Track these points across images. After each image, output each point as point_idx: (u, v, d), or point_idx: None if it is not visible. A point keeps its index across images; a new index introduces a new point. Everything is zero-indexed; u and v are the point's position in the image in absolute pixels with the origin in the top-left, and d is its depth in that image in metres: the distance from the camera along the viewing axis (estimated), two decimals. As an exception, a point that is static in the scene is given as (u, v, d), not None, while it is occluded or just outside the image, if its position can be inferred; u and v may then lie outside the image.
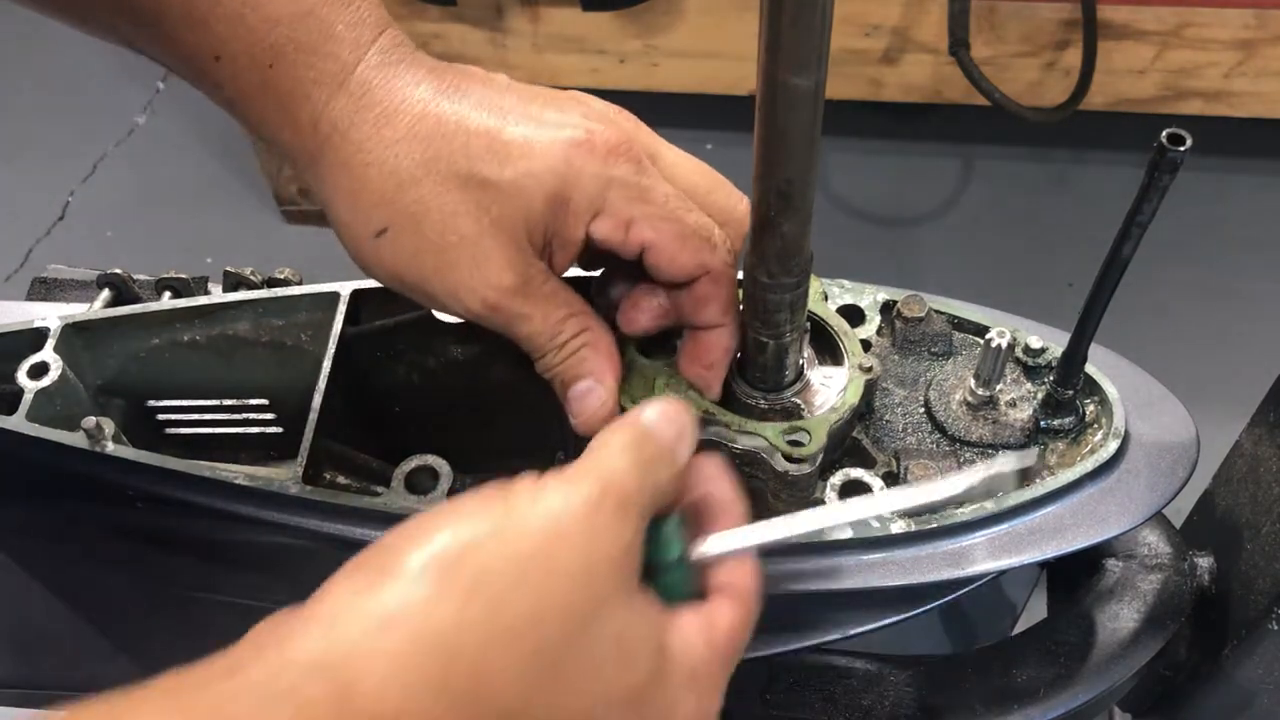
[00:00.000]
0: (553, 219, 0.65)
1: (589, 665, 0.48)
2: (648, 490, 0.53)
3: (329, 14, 0.64)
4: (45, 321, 0.81)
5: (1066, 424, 0.76)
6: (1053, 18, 2.12)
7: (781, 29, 0.50)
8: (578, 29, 2.27)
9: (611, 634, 0.49)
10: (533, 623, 0.47)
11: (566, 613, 0.48)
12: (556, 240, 0.66)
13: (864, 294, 0.81)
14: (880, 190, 2.40)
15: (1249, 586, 0.83)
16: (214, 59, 0.64)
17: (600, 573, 0.49)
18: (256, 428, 0.89)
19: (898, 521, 0.71)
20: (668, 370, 0.71)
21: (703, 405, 0.70)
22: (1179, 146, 0.57)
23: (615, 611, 0.50)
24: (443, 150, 0.64)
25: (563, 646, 0.47)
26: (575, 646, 0.48)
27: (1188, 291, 2.19)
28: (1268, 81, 2.17)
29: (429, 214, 0.64)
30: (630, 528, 0.51)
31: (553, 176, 0.63)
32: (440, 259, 0.65)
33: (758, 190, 0.59)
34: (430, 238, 0.64)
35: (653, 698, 0.51)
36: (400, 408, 0.87)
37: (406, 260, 0.65)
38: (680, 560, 0.55)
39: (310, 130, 0.65)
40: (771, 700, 0.82)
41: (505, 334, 0.68)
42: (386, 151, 0.64)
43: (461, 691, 0.45)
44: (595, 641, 0.49)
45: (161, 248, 2.35)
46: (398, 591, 0.46)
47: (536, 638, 0.47)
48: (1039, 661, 0.82)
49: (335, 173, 0.65)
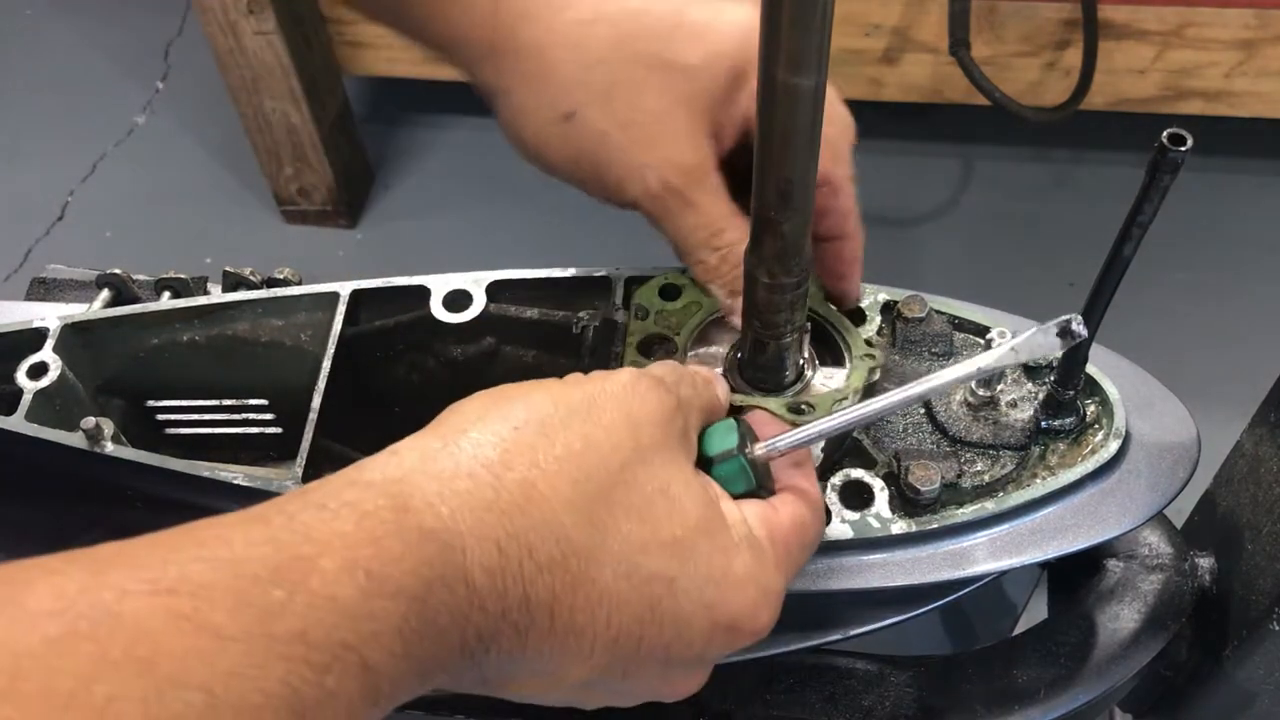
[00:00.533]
0: (727, 94, 0.67)
1: (636, 502, 0.51)
2: (684, 384, 0.57)
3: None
4: (45, 321, 0.81)
5: (1067, 424, 0.75)
6: (1053, 18, 2.11)
7: (781, 29, 0.50)
8: (578, 29, 2.26)
9: (658, 481, 0.52)
10: (579, 454, 0.50)
11: (611, 451, 0.51)
12: (727, 119, 0.68)
13: (864, 294, 0.81)
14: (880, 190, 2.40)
15: (1250, 587, 0.83)
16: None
17: (644, 428, 0.53)
18: (256, 428, 0.89)
19: (898, 522, 0.71)
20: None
21: None
22: (1179, 146, 0.57)
23: (661, 464, 0.53)
24: (630, 31, 0.66)
25: (607, 480, 0.50)
26: (621, 483, 0.51)
27: (1188, 291, 2.19)
28: (1268, 81, 2.17)
29: (618, 92, 0.66)
30: (671, 399, 0.55)
31: (733, 55, 0.66)
32: (626, 135, 0.66)
33: (758, 190, 0.59)
34: (618, 115, 0.66)
35: (703, 548, 0.52)
36: (400, 408, 0.86)
37: (591, 141, 0.67)
38: (735, 452, 0.58)
39: (489, 18, 0.66)
40: (771, 700, 0.82)
41: (667, 229, 0.69)
42: (574, 32, 0.65)
43: (509, 505, 0.47)
44: (641, 483, 0.51)
45: (161, 248, 2.35)
46: (454, 426, 0.51)
47: (583, 465, 0.50)
48: (1039, 662, 0.81)
49: (520, 59, 0.66)
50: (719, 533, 0.53)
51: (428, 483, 0.47)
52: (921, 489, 0.70)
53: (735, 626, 0.53)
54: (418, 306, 0.80)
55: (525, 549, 0.47)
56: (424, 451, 0.49)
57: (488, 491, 0.47)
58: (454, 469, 0.48)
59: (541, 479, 0.49)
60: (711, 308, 0.75)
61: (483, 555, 0.46)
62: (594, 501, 0.49)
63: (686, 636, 0.52)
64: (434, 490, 0.46)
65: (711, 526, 0.53)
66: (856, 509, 0.71)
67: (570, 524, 0.48)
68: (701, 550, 0.52)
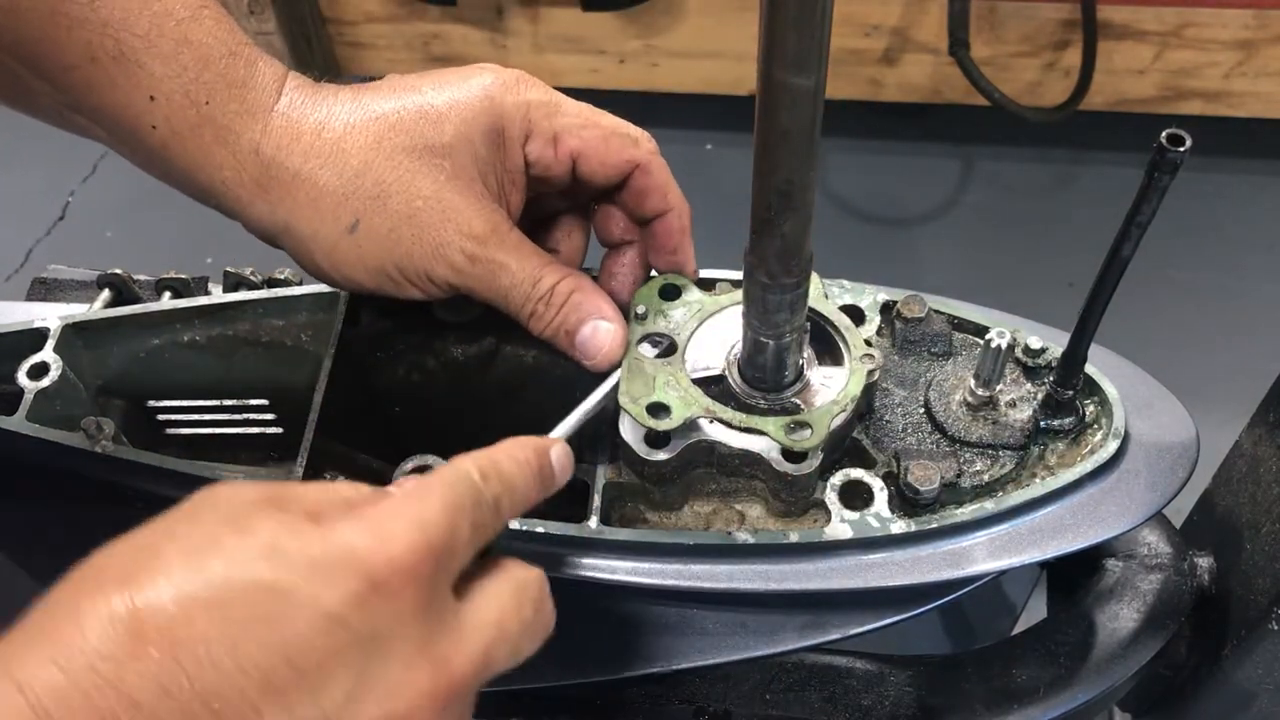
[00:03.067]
0: (495, 156, 0.70)
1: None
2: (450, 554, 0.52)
3: (251, 54, 0.69)
4: (45, 322, 0.81)
5: (1066, 424, 0.75)
6: (1053, 18, 2.12)
7: (781, 29, 0.50)
8: (578, 29, 2.27)
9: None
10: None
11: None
12: (505, 178, 0.71)
13: (864, 294, 0.81)
14: (880, 190, 2.40)
15: (1249, 586, 0.83)
16: (149, 99, 0.66)
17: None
18: (256, 428, 0.89)
19: (897, 521, 0.71)
20: (667, 369, 0.71)
21: (702, 404, 0.70)
22: (1179, 147, 0.57)
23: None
24: (383, 134, 0.69)
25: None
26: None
27: (1188, 291, 2.19)
28: (1268, 81, 2.17)
29: (391, 189, 0.68)
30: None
31: (483, 118, 0.69)
32: (413, 226, 0.68)
33: (758, 190, 0.59)
34: (399, 210, 0.68)
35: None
36: (400, 408, 0.86)
37: (383, 244, 0.69)
38: None
39: (252, 158, 0.68)
40: (771, 700, 0.82)
41: (489, 298, 0.71)
42: (332, 149, 0.68)
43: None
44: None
45: (161, 248, 2.35)
46: (78, 637, 0.44)
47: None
48: (1039, 661, 0.82)
49: (290, 189, 0.68)
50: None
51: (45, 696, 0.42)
52: (921, 489, 0.70)
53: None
54: (418, 307, 0.80)
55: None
56: (41, 656, 0.43)
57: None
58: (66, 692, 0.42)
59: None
60: (711, 308, 0.75)
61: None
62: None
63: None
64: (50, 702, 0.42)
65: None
66: (856, 509, 0.71)
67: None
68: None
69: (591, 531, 0.71)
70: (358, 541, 0.49)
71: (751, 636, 0.74)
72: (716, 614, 0.75)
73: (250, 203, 0.69)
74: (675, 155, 0.75)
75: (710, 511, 0.74)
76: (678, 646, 0.75)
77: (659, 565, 0.71)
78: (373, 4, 2.30)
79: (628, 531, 0.71)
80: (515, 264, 0.70)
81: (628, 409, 0.69)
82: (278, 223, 0.70)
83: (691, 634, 0.75)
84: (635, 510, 0.74)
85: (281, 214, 0.69)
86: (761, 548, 0.70)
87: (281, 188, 0.68)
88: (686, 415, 0.69)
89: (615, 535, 0.71)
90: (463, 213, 0.69)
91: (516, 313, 0.72)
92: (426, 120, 0.69)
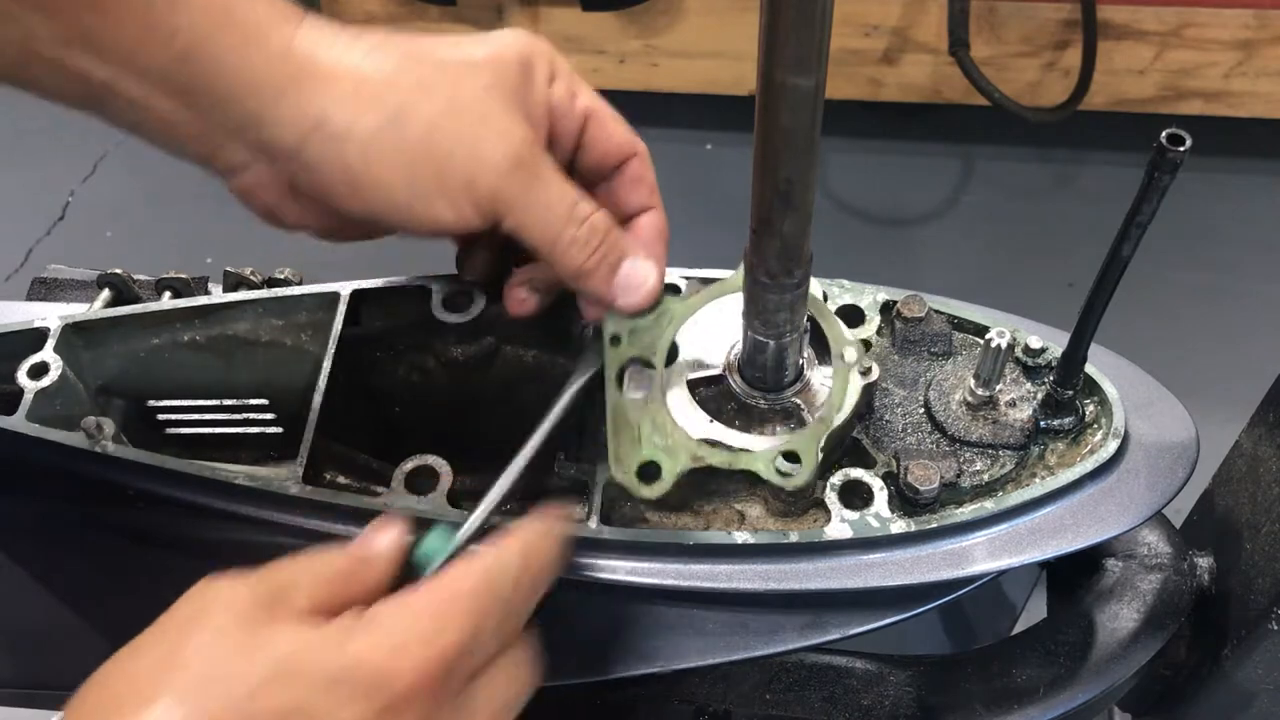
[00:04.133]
0: (525, 85, 0.69)
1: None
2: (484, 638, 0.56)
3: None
4: (45, 321, 0.81)
5: (1066, 424, 0.75)
6: (1053, 18, 2.12)
7: (781, 29, 0.50)
8: (578, 29, 2.27)
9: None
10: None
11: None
12: (532, 107, 0.70)
13: (864, 294, 0.81)
14: (880, 190, 2.40)
15: (1249, 586, 0.83)
16: (171, 6, 0.62)
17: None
18: (256, 428, 0.89)
19: (897, 521, 0.71)
20: (649, 412, 0.70)
21: (691, 450, 0.69)
22: (1179, 147, 0.57)
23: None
24: (418, 48, 0.68)
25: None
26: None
27: (1187, 291, 2.19)
28: (1268, 81, 2.17)
29: (433, 86, 0.66)
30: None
31: (513, 49, 0.69)
32: (456, 120, 0.66)
33: (758, 190, 0.59)
34: (441, 105, 0.66)
35: None
36: (400, 408, 0.87)
37: (424, 138, 0.66)
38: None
39: (282, 55, 0.64)
40: (771, 700, 0.82)
41: (520, 221, 0.68)
42: (370, 52, 0.66)
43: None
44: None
45: (161, 248, 2.35)
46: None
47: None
48: (1039, 661, 0.82)
49: (326, 81, 0.65)
50: None
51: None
52: (921, 489, 0.70)
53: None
54: (418, 306, 0.80)
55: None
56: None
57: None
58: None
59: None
60: (683, 313, 0.73)
61: None
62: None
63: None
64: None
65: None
66: (856, 509, 0.71)
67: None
68: None
69: (591, 531, 0.71)
70: (373, 658, 0.51)
71: (751, 636, 0.74)
72: (716, 614, 0.75)
73: (276, 101, 0.64)
74: (675, 155, 0.75)
75: (710, 511, 0.74)
76: (678, 646, 0.75)
77: (659, 565, 0.71)
78: (373, 4, 2.30)
79: (628, 531, 0.71)
80: (555, 182, 0.68)
81: (620, 480, 0.69)
82: (309, 117, 0.64)
83: (691, 634, 0.75)
84: (635, 510, 0.74)
85: (314, 108, 0.64)
86: (761, 548, 0.70)
87: (316, 81, 0.65)
88: (677, 473, 0.69)
89: (615, 535, 0.71)
90: (502, 119, 0.67)
91: (549, 239, 0.68)
92: (461, 43, 0.69)
